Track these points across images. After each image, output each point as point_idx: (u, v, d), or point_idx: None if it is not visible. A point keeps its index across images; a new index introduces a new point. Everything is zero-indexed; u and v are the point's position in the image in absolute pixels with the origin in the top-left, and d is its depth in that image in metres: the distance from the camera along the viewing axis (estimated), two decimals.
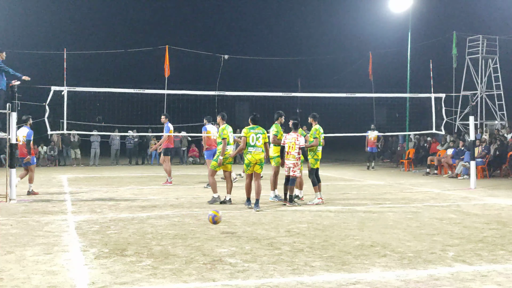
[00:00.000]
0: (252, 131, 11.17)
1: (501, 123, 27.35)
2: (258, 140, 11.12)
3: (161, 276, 5.89)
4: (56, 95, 14.32)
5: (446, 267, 6.35)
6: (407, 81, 27.04)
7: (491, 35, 28.83)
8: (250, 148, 11.12)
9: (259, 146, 11.11)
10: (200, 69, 40.44)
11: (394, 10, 28.04)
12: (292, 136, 11.67)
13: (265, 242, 7.67)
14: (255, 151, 11.09)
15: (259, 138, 11.13)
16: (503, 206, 11.74)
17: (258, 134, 11.16)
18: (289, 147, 11.64)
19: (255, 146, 11.09)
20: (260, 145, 11.12)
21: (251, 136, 11.11)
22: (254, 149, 11.09)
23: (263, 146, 11.16)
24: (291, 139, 11.64)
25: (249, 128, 11.22)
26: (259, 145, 11.11)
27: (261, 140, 11.15)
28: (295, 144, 11.57)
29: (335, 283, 5.67)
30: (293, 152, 11.57)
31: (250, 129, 11.20)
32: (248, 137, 11.15)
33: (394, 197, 13.29)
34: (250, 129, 11.20)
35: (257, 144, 11.10)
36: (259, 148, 11.11)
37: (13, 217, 9.94)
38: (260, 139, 11.14)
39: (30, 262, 6.49)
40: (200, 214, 10.19)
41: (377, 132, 24.02)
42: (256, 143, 11.10)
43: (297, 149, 11.58)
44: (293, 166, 11.57)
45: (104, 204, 11.83)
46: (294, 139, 11.60)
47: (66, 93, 14.34)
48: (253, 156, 11.09)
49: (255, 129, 11.21)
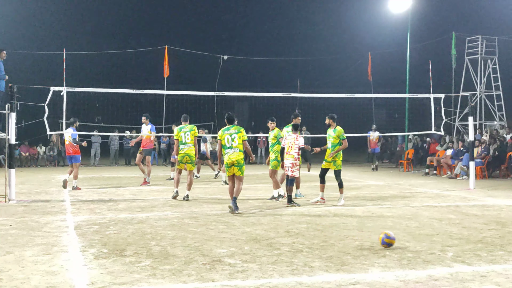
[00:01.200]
0: (227, 132, 10.69)
1: (500, 123, 27.35)
2: (234, 140, 10.59)
3: (160, 277, 5.89)
4: (56, 96, 14.32)
5: (445, 267, 6.35)
6: (406, 81, 27.06)
7: (490, 36, 28.84)
8: (227, 150, 10.64)
9: (236, 146, 10.59)
10: (199, 69, 40.44)
11: (393, 11, 28.05)
12: (292, 136, 11.73)
13: (264, 242, 7.66)
14: (231, 153, 10.59)
15: (235, 138, 10.58)
16: (502, 206, 11.75)
17: (233, 134, 10.63)
18: (288, 147, 11.70)
19: (231, 147, 10.59)
20: (236, 146, 10.59)
21: (226, 138, 10.63)
22: (230, 151, 10.60)
23: (240, 146, 10.63)
24: (291, 139, 11.71)
25: (224, 129, 10.79)
26: (235, 145, 10.59)
27: (237, 140, 10.59)
28: (294, 144, 11.63)
29: (334, 283, 5.67)
30: (292, 152, 11.63)
31: (225, 130, 10.75)
32: (222, 140, 10.72)
33: (393, 198, 13.29)
34: (224, 130, 10.76)
35: (233, 145, 10.59)
36: (235, 149, 10.59)
37: (12, 217, 9.93)
38: (236, 139, 10.59)
39: (29, 263, 6.49)
40: (199, 214, 10.19)
41: (378, 133, 23.96)
42: (232, 144, 10.59)
43: (296, 149, 11.63)
44: (291, 166, 11.62)
45: (103, 204, 11.83)
46: (293, 139, 11.66)
47: (65, 94, 14.34)
48: (229, 157, 10.58)
49: (230, 130, 10.72)
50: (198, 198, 12.97)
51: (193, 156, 12.66)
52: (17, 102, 12.57)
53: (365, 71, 30.73)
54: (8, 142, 12.51)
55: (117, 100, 21.32)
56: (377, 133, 23.70)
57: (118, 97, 19.55)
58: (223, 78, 28.03)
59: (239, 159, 10.57)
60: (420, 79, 28.11)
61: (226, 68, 29.81)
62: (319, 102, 27.06)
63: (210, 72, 31.45)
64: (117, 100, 21.26)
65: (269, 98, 21.35)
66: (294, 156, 11.63)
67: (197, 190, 14.61)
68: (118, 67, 43.74)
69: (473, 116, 16.36)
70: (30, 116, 15.41)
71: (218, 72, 27.95)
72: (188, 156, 12.65)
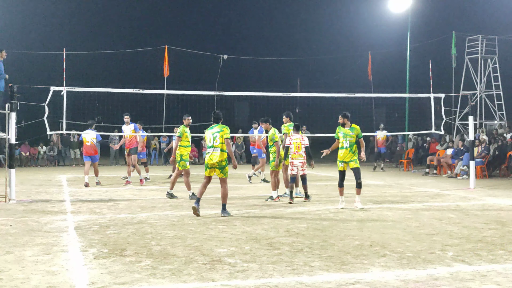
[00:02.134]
0: (210, 131, 10.28)
1: (500, 123, 27.35)
2: (216, 139, 10.12)
3: (161, 276, 5.89)
4: (56, 95, 14.32)
5: (446, 267, 6.35)
6: (406, 81, 27.05)
7: (491, 35, 28.82)
8: (208, 150, 10.27)
9: (217, 146, 10.09)
10: (199, 69, 40.42)
11: (393, 10, 28.05)
12: (297, 136, 12.27)
13: (264, 242, 7.66)
14: (211, 152, 10.15)
15: (217, 137, 10.12)
16: (502, 206, 11.74)
17: (216, 133, 10.17)
18: (295, 147, 12.19)
19: (213, 147, 10.13)
20: (218, 145, 10.08)
21: (208, 137, 10.26)
22: (211, 150, 10.16)
23: (222, 146, 10.09)
24: (297, 140, 12.24)
25: (208, 128, 10.43)
26: (216, 145, 10.10)
27: (219, 140, 10.11)
28: (301, 144, 12.25)
29: (334, 283, 5.67)
30: (300, 151, 12.23)
31: (209, 129, 10.37)
32: (206, 139, 10.44)
33: (393, 197, 13.29)
34: (208, 129, 10.39)
35: (214, 144, 10.12)
36: (216, 149, 10.09)
37: (13, 217, 9.93)
38: (218, 138, 10.11)
39: (29, 262, 6.49)
40: (200, 215, 10.17)
41: (386, 132, 23.82)
42: (214, 143, 10.12)
43: (303, 148, 12.26)
44: (301, 165, 12.26)
45: (103, 204, 11.83)
46: (299, 139, 12.26)
47: (65, 93, 14.34)
48: (210, 157, 10.16)
49: (214, 128, 10.27)
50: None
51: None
52: (17, 102, 12.58)
53: (365, 71, 30.72)
54: (8, 142, 12.51)
55: (117, 100, 21.32)
56: (384, 132, 23.56)
57: (118, 97, 19.56)
58: (223, 78, 28.04)
59: (220, 160, 10.05)
60: (420, 79, 28.13)
61: (226, 68, 29.80)
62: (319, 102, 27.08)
63: (210, 72, 31.45)
64: (117, 100, 21.26)
65: (269, 98, 21.34)
66: (302, 156, 12.24)
67: (197, 189, 14.59)
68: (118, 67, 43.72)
69: (473, 116, 16.35)
70: (30, 116, 15.39)
71: (218, 72, 27.96)
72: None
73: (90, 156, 16.12)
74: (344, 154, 11.20)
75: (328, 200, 12.63)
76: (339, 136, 11.33)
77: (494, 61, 28.41)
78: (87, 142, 16.06)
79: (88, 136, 16.06)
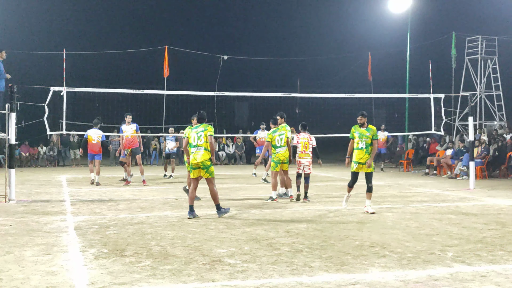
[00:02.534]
0: (194, 130, 10.04)
1: (500, 123, 27.36)
2: (200, 139, 9.89)
3: (160, 277, 5.89)
4: (56, 96, 14.32)
5: (445, 267, 6.35)
6: (406, 81, 27.05)
7: (490, 36, 28.83)
8: (192, 149, 9.98)
9: (201, 145, 9.87)
10: (199, 69, 40.45)
11: (393, 11, 28.07)
12: (305, 136, 12.60)
13: (264, 242, 7.67)
14: (195, 152, 9.89)
15: (201, 136, 9.89)
16: (502, 206, 11.75)
17: (200, 132, 9.94)
18: (303, 146, 12.52)
19: (196, 146, 9.90)
20: (202, 144, 9.88)
21: (192, 136, 10.00)
22: (195, 150, 9.91)
23: (206, 145, 9.89)
24: (304, 139, 12.55)
25: (192, 127, 10.21)
26: (200, 144, 9.89)
27: (203, 139, 9.90)
28: (309, 143, 12.57)
29: (334, 283, 5.68)
30: (308, 151, 12.56)
31: (193, 128, 10.14)
32: (189, 138, 10.13)
33: (393, 198, 13.29)
34: (192, 128, 10.16)
35: (198, 144, 9.90)
36: (200, 148, 9.87)
37: (12, 217, 9.93)
38: (202, 137, 9.90)
39: (29, 263, 6.49)
40: (199, 214, 10.18)
41: (387, 133, 23.77)
42: (198, 142, 9.90)
43: (311, 148, 12.62)
44: (308, 164, 12.56)
45: (103, 204, 11.83)
46: (307, 139, 12.59)
47: (65, 94, 14.34)
48: (194, 157, 9.90)
49: (198, 128, 10.03)
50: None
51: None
52: (17, 102, 12.58)
53: (365, 71, 30.73)
54: (8, 142, 12.51)
55: (117, 100, 21.32)
56: (385, 133, 23.51)
57: (118, 97, 19.56)
58: (223, 78, 28.05)
59: (204, 160, 9.83)
60: (420, 79, 28.12)
61: (226, 68, 29.81)
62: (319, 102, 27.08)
63: (210, 72, 31.47)
64: (117, 100, 21.27)
65: (269, 98, 21.36)
66: (310, 155, 12.58)
67: (197, 189, 14.60)
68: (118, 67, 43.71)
69: (473, 116, 16.36)
70: (30, 116, 15.40)
71: (218, 72, 27.97)
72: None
73: (94, 154, 16.43)
74: (360, 155, 10.73)
75: (328, 200, 12.63)
76: (354, 136, 10.85)
77: (494, 61, 28.43)
78: (93, 140, 16.35)
79: (95, 134, 16.39)
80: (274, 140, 12.44)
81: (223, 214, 9.98)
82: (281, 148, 12.33)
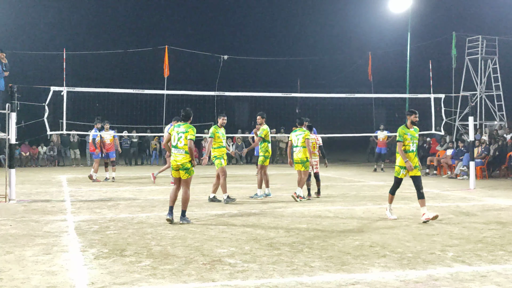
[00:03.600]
0: (176, 129, 9.56)
1: (500, 123, 27.36)
2: (180, 140, 9.41)
3: (161, 276, 5.89)
4: (56, 96, 14.33)
5: (446, 267, 6.35)
6: (406, 81, 27.06)
7: (491, 36, 28.83)
8: (173, 150, 9.53)
9: (181, 147, 9.38)
10: (199, 69, 40.44)
11: (393, 11, 28.07)
12: (312, 136, 12.94)
13: (264, 242, 7.67)
14: (175, 153, 9.46)
15: (181, 138, 9.40)
16: (502, 206, 11.75)
17: (180, 133, 9.46)
18: (311, 146, 12.76)
19: (177, 148, 9.44)
20: (182, 147, 9.38)
21: (173, 135, 9.55)
22: (175, 151, 9.47)
23: (186, 148, 9.37)
24: (312, 140, 12.91)
25: (175, 125, 9.72)
26: (180, 146, 9.40)
27: (183, 141, 9.39)
28: (316, 143, 13.13)
29: (334, 283, 5.68)
30: (315, 151, 13.07)
31: (175, 126, 9.66)
32: (171, 136, 9.67)
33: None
34: (175, 126, 9.67)
35: (178, 145, 9.42)
36: (180, 150, 9.41)
37: (13, 217, 9.94)
38: (182, 139, 9.40)
39: (29, 262, 6.49)
40: (199, 215, 10.19)
41: (387, 132, 23.65)
42: (178, 143, 9.42)
43: (318, 147, 13.24)
44: (316, 163, 13.08)
45: (103, 204, 11.83)
46: (315, 139, 13.07)
47: (65, 94, 14.35)
48: (175, 159, 9.46)
49: (180, 127, 9.55)
50: (198, 198, 12.97)
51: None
52: (17, 102, 12.58)
53: (365, 71, 30.73)
54: (8, 142, 12.51)
55: (117, 100, 21.35)
56: (385, 133, 23.40)
57: (118, 97, 19.59)
58: (223, 78, 28.03)
59: (184, 162, 9.38)
60: (420, 79, 28.15)
61: (226, 68, 29.81)
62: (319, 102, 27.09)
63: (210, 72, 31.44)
64: (117, 100, 21.29)
65: (269, 98, 21.38)
66: (317, 155, 13.19)
67: (197, 190, 14.61)
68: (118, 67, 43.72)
69: (473, 116, 16.35)
70: (30, 116, 15.40)
71: (218, 72, 27.96)
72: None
73: (108, 152, 17.84)
74: (412, 158, 9.80)
75: (328, 200, 12.63)
76: (405, 138, 9.81)
77: (494, 61, 28.42)
78: (107, 140, 17.80)
79: (109, 135, 17.85)
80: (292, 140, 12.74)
81: (185, 221, 9.32)
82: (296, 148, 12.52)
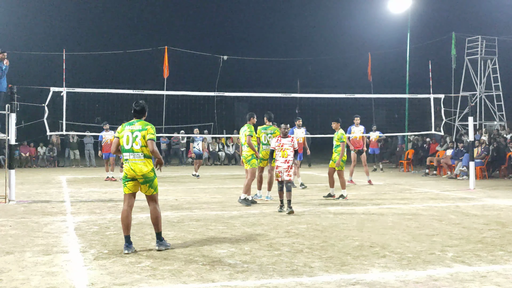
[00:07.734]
0: (128, 127, 7.21)
1: (500, 123, 27.36)
2: (136, 141, 7.07)
3: (160, 277, 5.89)
4: (55, 96, 14.32)
5: (445, 267, 6.35)
6: (406, 81, 27.06)
7: (490, 36, 28.85)
8: (125, 154, 7.16)
9: (138, 150, 7.06)
10: (199, 69, 40.47)
11: (393, 11, 28.05)
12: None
13: (264, 243, 7.67)
14: (131, 158, 7.09)
15: (137, 138, 7.08)
16: (502, 206, 11.75)
17: (136, 132, 7.11)
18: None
19: (132, 151, 7.10)
20: (139, 149, 7.06)
21: (125, 136, 7.18)
22: (130, 156, 7.10)
23: (145, 150, 7.08)
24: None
25: (126, 123, 7.34)
26: (137, 149, 7.06)
27: (140, 141, 7.07)
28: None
29: (334, 283, 5.68)
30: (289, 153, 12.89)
31: (126, 125, 7.29)
32: (121, 137, 7.23)
33: (393, 198, 13.29)
34: (126, 125, 7.30)
35: (134, 148, 7.07)
36: (138, 154, 7.06)
37: (12, 218, 9.93)
38: (139, 139, 7.07)
39: (29, 263, 6.49)
40: (199, 215, 10.19)
41: (379, 132, 23.69)
42: (133, 145, 7.08)
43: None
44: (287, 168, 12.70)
45: (103, 205, 11.83)
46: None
47: (65, 94, 14.34)
48: (130, 167, 7.08)
49: (134, 125, 7.21)
50: (198, 198, 12.97)
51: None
52: (17, 102, 12.58)
53: (365, 71, 30.75)
54: (8, 143, 12.51)
55: (117, 101, 21.34)
56: (376, 133, 23.46)
57: (118, 97, 19.58)
58: (223, 78, 28.07)
59: (145, 171, 7.06)
60: (420, 79, 28.14)
61: (226, 68, 29.84)
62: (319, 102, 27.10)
63: (210, 72, 31.48)
64: (117, 101, 21.29)
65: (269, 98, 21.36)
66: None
67: (197, 190, 14.63)
68: (118, 67, 43.74)
69: (473, 117, 16.36)
70: (30, 117, 15.41)
71: (218, 72, 27.98)
72: None
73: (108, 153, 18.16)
74: None
75: (327, 200, 12.63)
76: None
77: (494, 62, 28.44)
78: (108, 141, 18.28)
79: (109, 135, 18.38)
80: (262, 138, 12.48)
81: (162, 247, 7.18)
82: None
